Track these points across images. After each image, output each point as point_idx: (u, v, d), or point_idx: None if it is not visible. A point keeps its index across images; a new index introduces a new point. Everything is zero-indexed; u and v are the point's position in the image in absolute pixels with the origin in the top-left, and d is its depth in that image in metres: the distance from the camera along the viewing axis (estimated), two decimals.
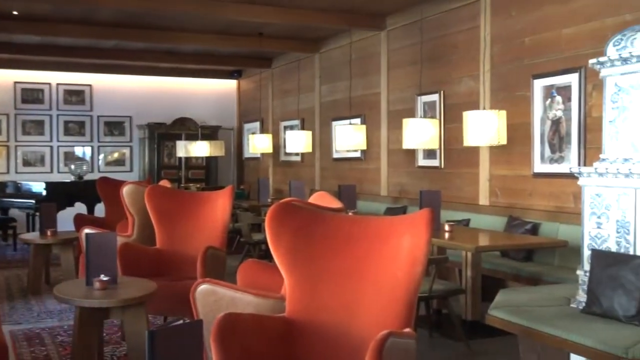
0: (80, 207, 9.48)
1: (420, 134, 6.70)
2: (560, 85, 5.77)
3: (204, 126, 12.14)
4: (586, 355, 2.94)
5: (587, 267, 3.32)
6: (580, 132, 5.56)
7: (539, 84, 5.99)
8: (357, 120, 8.81)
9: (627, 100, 3.22)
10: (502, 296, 3.64)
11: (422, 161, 7.73)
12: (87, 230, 5.56)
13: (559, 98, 5.79)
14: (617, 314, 3.05)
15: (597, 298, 3.15)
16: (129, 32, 9.01)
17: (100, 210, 9.04)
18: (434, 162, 7.48)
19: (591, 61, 3.40)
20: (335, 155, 9.62)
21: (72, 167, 10.53)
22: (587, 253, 3.36)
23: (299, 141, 9.51)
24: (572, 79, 5.63)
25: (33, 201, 9.45)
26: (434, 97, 7.42)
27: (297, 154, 10.68)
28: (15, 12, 8.00)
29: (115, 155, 12.32)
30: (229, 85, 13.12)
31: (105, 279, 3.96)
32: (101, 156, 12.18)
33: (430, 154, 7.54)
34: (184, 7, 7.46)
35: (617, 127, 3.27)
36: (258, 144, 10.79)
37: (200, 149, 11.06)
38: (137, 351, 3.89)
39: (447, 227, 5.45)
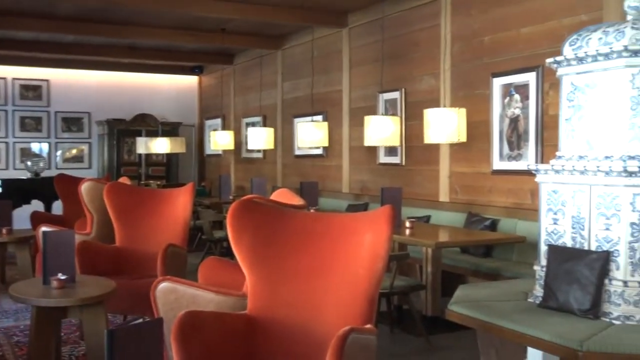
0: (37, 205, 9.28)
1: (382, 131, 6.74)
2: (518, 83, 5.87)
3: (164, 122, 12.02)
4: (543, 349, 3.00)
5: (543, 262, 3.38)
6: (538, 130, 5.66)
7: (497, 83, 6.08)
8: (319, 117, 8.82)
9: (582, 99, 3.29)
10: (461, 291, 3.69)
11: (383, 158, 7.78)
12: (44, 228, 5.46)
13: (517, 96, 5.89)
14: (573, 307, 3.12)
15: (553, 292, 3.22)
16: (89, 26, 8.85)
17: (57, 207, 8.88)
18: (395, 159, 7.53)
19: (548, 60, 3.46)
20: (297, 152, 9.61)
21: (29, 163, 10.31)
22: (543, 248, 3.42)
23: (260, 138, 9.48)
24: (530, 78, 5.73)
25: None
26: (395, 94, 7.47)
27: (259, 151, 10.65)
28: None
29: (74, 151, 12.11)
30: (190, 82, 13.01)
31: (62, 277, 3.90)
32: (59, 153, 11.96)
33: (391, 151, 7.59)
34: (144, 2, 7.37)
35: (572, 125, 3.34)
36: (219, 140, 10.73)
37: (160, 145, 10.94)
38: (96, 351, 3.84)
39: (408, 224, 5.50)
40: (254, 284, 3.09)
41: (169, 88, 12.73)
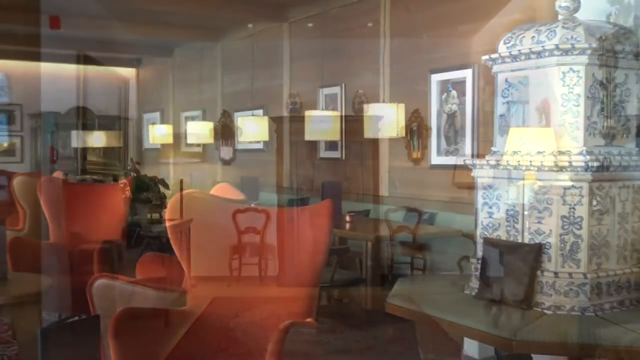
0: None
1: (322, 126, 6.76)
2: (455, 80, 5.98)
3: (101, 116, 11.74)
4: (478, 339, 3.08)
5: (479, 255, 3.47)
6: (474, 126, 5.79)
7: (435, 79, 6.18)
8: (260, 112, 8.78)
9: (516, 95, 3.38)
10: (400, 285, 3.75)
11: (324, 153, 7.81)
12: None
13: (454, 92, 6.00)
14: (507, 298, 3.21)
15: (488, 284, 3.30)
16: (21, 15, 8.54)
17: None
18: (336, 154, 7.57)
19: (484, 58, 3.54)
20: (237, 147, 9.54)
21: None
22: (480, 241, 3.50)
23: (200, 132, 9.37)
24: (467, 75, 5.85)
25: None
26: (336, 89, 7.50)
27: (198, 145, 10.52)
28: None
29: (5, 145, 11.70)
30: (128, 74, 12.73)
31: None
32: None
33: (332, 145, 7.63)
34: None
35: (507, 121, 3.43)
36: (158, 134, 10.55)
37: (97, 139, 10.70)
38: (30, 350, 3.73)
39: (348, 218, 5.54)
40: (194, 280, 3.07)
41: (107, 80, 12.42)
